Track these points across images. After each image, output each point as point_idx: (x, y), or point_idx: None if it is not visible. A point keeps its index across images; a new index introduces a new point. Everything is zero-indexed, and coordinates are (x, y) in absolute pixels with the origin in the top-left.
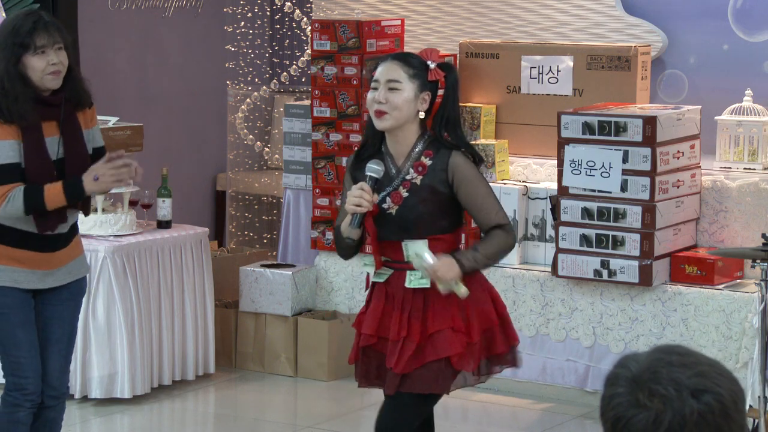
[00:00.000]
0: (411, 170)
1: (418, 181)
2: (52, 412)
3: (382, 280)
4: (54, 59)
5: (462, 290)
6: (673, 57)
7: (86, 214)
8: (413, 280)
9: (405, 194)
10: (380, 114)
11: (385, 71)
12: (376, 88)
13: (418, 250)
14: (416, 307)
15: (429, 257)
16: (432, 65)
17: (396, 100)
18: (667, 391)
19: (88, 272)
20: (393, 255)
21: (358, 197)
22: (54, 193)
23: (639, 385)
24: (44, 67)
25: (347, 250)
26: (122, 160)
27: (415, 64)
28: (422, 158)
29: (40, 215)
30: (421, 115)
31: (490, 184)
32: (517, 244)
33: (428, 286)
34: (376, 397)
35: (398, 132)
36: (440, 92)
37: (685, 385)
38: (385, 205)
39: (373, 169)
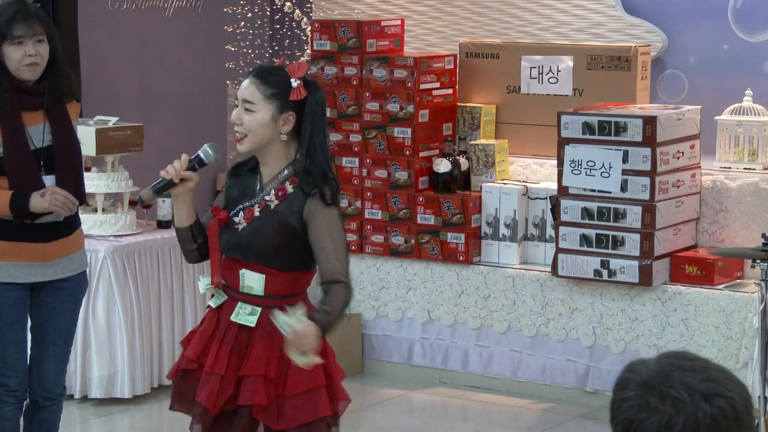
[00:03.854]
0: (272, 192)
1: (272, 205)
2: (48, 412)
3: (215, 305)
4: (31, 50)
5: (314, 360)
6: (673, 57)
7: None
8: (240, 314)
9: (257, 213)
10: (238, 138)
11: (243, 89)
12: (237, 106)
13: (291, 317)
14: (239, 344)
15: (297, 322)
16: (295, 83)
17: (249, 123)
18: (680, 394)
19: (87, 267)
20: (231, 279)
21: (171, 164)
22: (0, 203)
23: (650, 388)
24: (21, 57)
25: (184, 243)
26: (68, 194)
27: (274, 82)
28: (286, 183)
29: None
30: (283, 137)
31: (489, 184)
32: (516, 244)
33: (253, 325)
34: (377, 396)
35: (263, 154)
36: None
37: (697, 389)
38: (236, 219)
39: (205, 150)
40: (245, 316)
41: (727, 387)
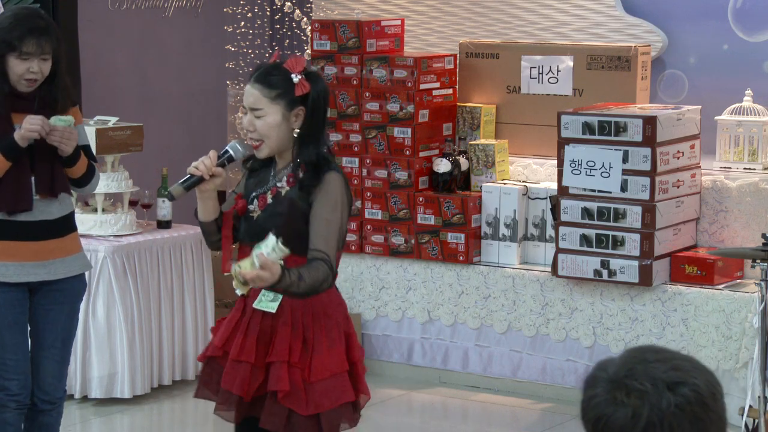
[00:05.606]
0: (284, 179)
1: (283, 191)
2: (47, 417)
3: (241, 293)
4: (35, 68)
5: (245, 291)
6: (673, 57)
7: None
8: (263, 301)
9: (269, 200)
10: (255, 145)
11: (247, 97)
12: (245, 114)
13: (268, 243)
14: (264, 331)
15: (267, 250)
16: (296, 78)
17: (262, 128)
18: (644, 386)
19: (89, 269)
20: None
21: (200, 161)
22: None
23: (616, 384)
24: (23, 72)
25: (209, 235)
26: (40, 117)
27: (276, 83)
28: (298, 170)
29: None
30: (296, 132)
31: (489, 183)
32: (516, 244)
33: (274, 311)
34: (377, 396)
35: (281, 150)
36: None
37: (661, 379)
38: (251, 207)
39: (234, 146)
40: (267, 302)
41: (691, 374)
